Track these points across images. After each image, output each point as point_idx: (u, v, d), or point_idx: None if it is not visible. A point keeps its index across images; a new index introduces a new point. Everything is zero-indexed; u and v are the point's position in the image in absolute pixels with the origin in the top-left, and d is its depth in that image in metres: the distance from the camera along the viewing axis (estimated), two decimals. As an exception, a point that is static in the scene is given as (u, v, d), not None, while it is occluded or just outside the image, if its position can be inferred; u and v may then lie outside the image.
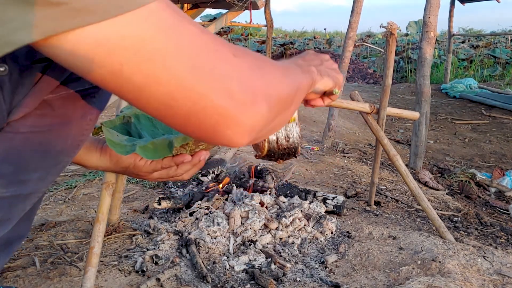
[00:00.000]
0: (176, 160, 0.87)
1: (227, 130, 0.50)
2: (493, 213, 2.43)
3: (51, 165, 0.61)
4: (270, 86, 0.54)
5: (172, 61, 0.44)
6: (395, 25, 1.81)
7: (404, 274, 1.51)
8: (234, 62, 0.49)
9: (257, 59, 0.55)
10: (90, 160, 0.94)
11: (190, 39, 0.46)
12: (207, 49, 0.47)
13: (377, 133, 1.83)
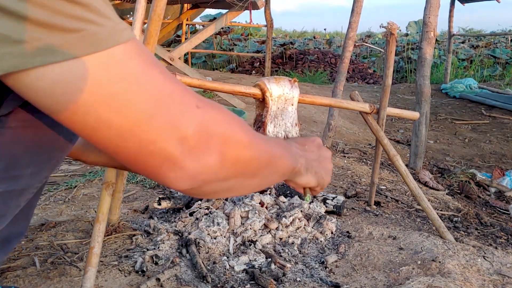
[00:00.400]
0: None
1: (170, 173, 0.50)
2: (493, 213, 2.43)
3: (43, 160, 0.61)
4: (231, 143, 0.54)
5: (128, 108, 0.45)
6: (395, 25, 1.81)
7: (404, 274, 1.51)
8: (196, 113, 0.50)
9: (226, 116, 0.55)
10: (90, 155, 0.94)
11: (153, 89, 0.47)
12: (169, 99, 0.48)
13: (377, 133, 1.83)
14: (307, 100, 1.58)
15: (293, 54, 9.57)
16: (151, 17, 1.26)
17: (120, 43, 0.45)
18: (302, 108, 4.57)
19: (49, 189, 2.19)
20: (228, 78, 6.93)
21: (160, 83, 0.48)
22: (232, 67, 9.60)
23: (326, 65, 9.08)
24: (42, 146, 0.59)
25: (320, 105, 1.68)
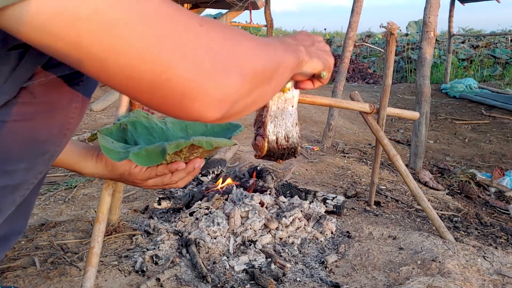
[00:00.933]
0: (171, 167, 0.87)
1: (195, 102, 0.48)
2: (493, 213, 2.43)
3: (37, 154, 0.60)
4: (243, 58, 0.52)
5: (132, 32, 0.43)
6: (395, 25, 1.81)
7: (404, 274, 1.51)
8: (200, 32, 0.47)
9: (228, 30, 0.53)
10: (85, 167, 0.94)
11: (152, 9, 0.44)
12: (171, 19, 0.45)
13: (377, 133, 1.83)
14: (307, 100, 1.58)
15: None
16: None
17: None
18: (302, 108, 4.57)
19: (49, 189, 2.19)
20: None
21: (157, 4, 0.45)
22: (232, 67, 9.58)
23: (326, 65, 9.06)
24: (35, 140, 0.58)
25: (320, 105, 1.68)
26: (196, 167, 0.89)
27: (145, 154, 0.83)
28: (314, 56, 0.78)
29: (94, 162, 0.93)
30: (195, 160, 0.89)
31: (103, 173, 0.95)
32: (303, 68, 0.75)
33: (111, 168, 0.92)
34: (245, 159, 2.73)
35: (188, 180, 0.93)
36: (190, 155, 0.87)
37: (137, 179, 0.91)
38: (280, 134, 1.36)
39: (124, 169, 0.91)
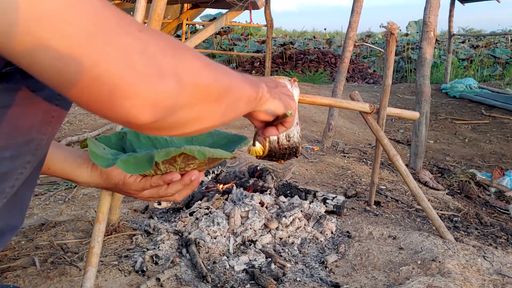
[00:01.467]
0: (165, 178, 0.85)
1: (125, 101, 0.46)
2: (493, 213, 2.43)
3: (22, 142, 0.59)
4: (183, 66, 0.51)
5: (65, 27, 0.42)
6: (395, 25, 1.81)
7: (404, 274, 1.51)
8: (138, 36, 0.47)
9: (173, 41, 0.52)
10: (81, 175, 0.93)
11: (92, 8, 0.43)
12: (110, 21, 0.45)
13: (377, 133, 1.83)
14: (307, 100, 1.58)
15: (293, 54, 9.57)
16: (151, 16, 1.26)
17: None
18: (302, 108, 4.57)
19: (49, 189, 2.19)
20: (228, 78, 6.91)
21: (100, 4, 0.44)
22: (232, 67, 9.60)
23: (326, 65, 9.08)
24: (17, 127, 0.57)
25: (320, 105, 1.68)
26: (193, 179, 0.85)
27: (133, 161, 0.80)
28: (276, 97, 0.77)
29: (90, 171, 0.92)
30: (192, 172, 0.85)
31: (98, 182, 0.94)
32: (264, 106, 0.74)
33: (106, 178, 0.91)
34: (245, 159, 2.73)
35: (185, 193, 0.90)
36: (185, 166, 0.84)
37: (131, 190, 0.90)
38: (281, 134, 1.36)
39: (119, 178, 0.89)
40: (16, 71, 0.55)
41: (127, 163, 0.80)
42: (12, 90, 0.56)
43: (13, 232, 0.69)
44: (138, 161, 0.81)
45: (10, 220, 0.67)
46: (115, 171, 0.89)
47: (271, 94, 0.76)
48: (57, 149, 0.92)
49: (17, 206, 0.67)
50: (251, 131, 3.58)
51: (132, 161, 0.81)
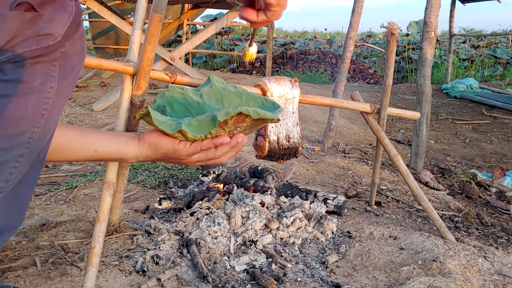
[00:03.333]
0: (216, 141, 0.89)
1: None
2: (494, 213, 2.43)
3: (12, 134, 0.59)
4: None
5: None
6: (396, 25, 1.81)
7: (405, 274, 1.51)
8: None
9: None
10: (129, 151, 0.94)
11: None
12: None
13: (377, 133, 1.83)
14: (307, 100, 1.58)
15: (293, 54, 9.57)
16: (152, 17, 1.26)
17: None
18: (302, 108, 4.57)
19: (50, 189, 2.19)
20: (229, 78, 6.93)
21: None
22: (233, 67, 9.61)
23: (327, 65, 9.08)
24: (9, 118, 0.58)
25: (321, 105, 1.68)
26: (239, 141, 0.91)
27: (196, 123, 0.86)
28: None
29: (137, 145, 0.94)
30: (239, 135, 0.91)
31: (147, 155, 0.95)
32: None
33: (155, 149, 0.93)
34: (245, 159, 2.73)
35: (231, 155, 0.95)
36: (234, 129, 0.90)
37: (182, 155, 0.92)
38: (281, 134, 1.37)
39: (168, 147, 0.92)
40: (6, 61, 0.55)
41: (191, 126, 0.87)
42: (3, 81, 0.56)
43: (12, 232, 0.69)
44: (201, 123, 0.87)
45: (9, 219, 0.67)
46: (164, 140, 0.92)
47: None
48: (99, 132, 0.95)
49: (16, 205, 0.67)
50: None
51: (196, 123, 0.87)
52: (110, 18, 4.19)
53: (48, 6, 0.58)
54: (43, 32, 0.57)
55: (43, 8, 0.57)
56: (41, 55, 0.58)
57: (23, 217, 0.71)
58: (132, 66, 1.31)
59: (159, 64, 4.21)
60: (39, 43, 0.57)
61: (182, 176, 2.48)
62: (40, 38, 0.57)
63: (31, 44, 0.57)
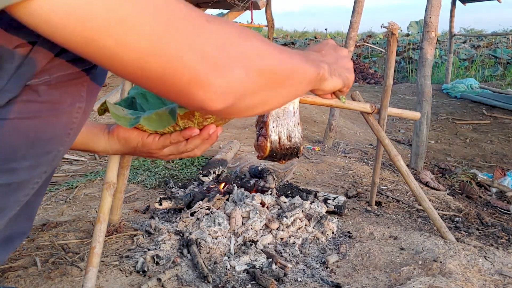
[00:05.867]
0: (184, 134, 0.86)
1: (199, 91, 0.51)
2: (494, 214, 2.43)
3: (41, 153, 0.60)
4: (249, 54, 0.54)
5: (141, 28, 0.45)
6: (396, 25, 1.81)
7: (405, 274, 1.51)
8: (207, 27, 0.50)
9: (237, 28, 0.55)
10: (98, 144, 0.94)
11: (161, 5, 0.47)
12: (179, 15, 0.48)
13: (378, 133, 1.83)
14: (308, 100, 1.57)
15: (294, 54, 9.56)
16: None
17: None
18: (303, 108, 4.57)
19: (50, 189, 2.19)
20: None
21: (170, 2, 0.48)
22: (233, 67, 9.59)
23: (327, 65, 9.06)
24: (39, 138, 0.58)
25: (321, 105, 1.68)
26: (211, 133, 0.88)
27: (156, 117, 0.82)
28: (336, 75, 0.80)
29: (106, 138, 0.93)
30: (210, 126, 0.87)
31: (116, 148, 0.94)
32: (323, 85, 0.77)
33: (124, 142, 0.92)
34: (246, 159, 2.73)
35: (205, 148, 0.92)
36: (203, 121, 0.86)
37: (152, 149, 0.90)
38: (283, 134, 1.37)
39: (137, 140, 0.90)
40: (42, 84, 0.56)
41: (150, 119, 0.82)
42: (37, 103, 0.57)
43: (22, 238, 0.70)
44: (161, 116, 0.82)
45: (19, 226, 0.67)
46: (133, 134, 0.90)
47: (332, 72, 0.78)
48: None
49: (27, 212, 0.68)
50: (252, 131, 3.58)
51: (155, 117, 0.82)
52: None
53: None
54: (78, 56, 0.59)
55: None
56: (74, 78, 0.60)
57: (32, 223, 0.72)
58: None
59: (159, 64, 4.20)
60: (75, 66, 0.58)
61: (183, 176, 2.48)
62: (76, 62, 0.58)
63: (67, 68, 0.58)
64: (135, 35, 0.45)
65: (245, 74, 0.53)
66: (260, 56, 0.56)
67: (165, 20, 0.47)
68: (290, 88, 0.64)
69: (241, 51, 0.53)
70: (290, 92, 0.65)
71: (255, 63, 0.55)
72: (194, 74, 0.49)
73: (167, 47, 0.47)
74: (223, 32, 0.52)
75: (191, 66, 0.49)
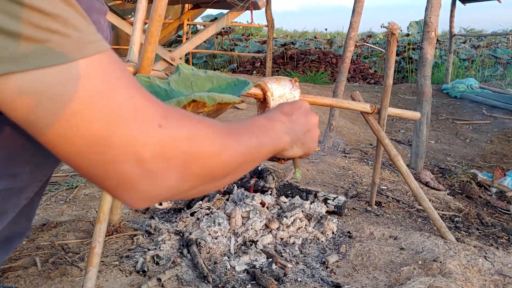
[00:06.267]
0: None
1: (125, 195, 0.50)
2: (494, 214, 2.43)
3: (42, 158, 0.60)
4: (193, 159, 0.53)
5: (88, 128, 0.45)
6: (396, 25, 1.81)
7: (405, 274, 1.51)
8: (156, 133, 0.49)
9: (191, 132, 0.53)
10: None
11: (114, 108, 0.46)
12: (131, 119, 0.47)
13: (378, 133, 1.83)
14: (308, 100, 1.57)
15: (294, 54, 9.57)
16: (152, 17, 1.26)
17: (85, 56, 0.44)
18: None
19: (50, 189, 2.19)
20: (229, 78, 6.91)
21: (123, 102, 0.47)
22: (233, 67, 9.61)
23: (327, 65, 9.07)
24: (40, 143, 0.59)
25: (321, 105, 1.68)
26: None
27: None
28: (298, 145, 0.81)
29: None
30: None
31: None
32: (282, 153, 0.78)
33: None
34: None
35: None
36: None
37: None
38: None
39: None
40: None
41: None
42: None
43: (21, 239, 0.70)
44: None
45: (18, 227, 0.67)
46: None
47: (294, 142, 0.79)
48: None
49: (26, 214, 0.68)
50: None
51: None
52: (110, 19, 4.19)
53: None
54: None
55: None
56: None
57: (31, 223, 0.72)
58: (133, 66, 1.31)
59: (159, 64, 4.21)
60: None
61: (183, 176, 2.48)
62: None
63: None
64: (79, 132, 0.44)
65: (181, 181, 0.52)
66: (205, 161, 0.54)
67: (117, 123, 0.46)
68: (237, 173, 0.63)
69: (184, 157, 0.51)
70: (236, 175, 0.64)
71: (197, 167, 0.53)
72: (124, 180, 0.48)
73: (108, 150, 0.46)
74: (172, 140, 0.50)
75: (125, 172, 0.48)
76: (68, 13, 0.43)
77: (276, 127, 0.73)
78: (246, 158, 0.62)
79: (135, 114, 0.47)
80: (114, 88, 0.46)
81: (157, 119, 0.49)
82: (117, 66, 0.48)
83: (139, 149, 0.47)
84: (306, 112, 0.84)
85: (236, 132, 0.61)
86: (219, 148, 0.56)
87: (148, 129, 0.48)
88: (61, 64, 0.42)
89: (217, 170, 0.57)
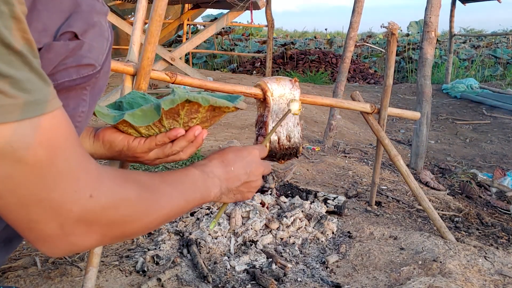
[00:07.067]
0: (170, 134, 0.86)
1: (43, 248, 0.53)
2: (494, 213, 2.43)
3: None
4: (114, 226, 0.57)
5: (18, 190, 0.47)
6: (396, 25, 1.81)
7: (405, 274, 1.51)
8: (85, 203, 0.52)
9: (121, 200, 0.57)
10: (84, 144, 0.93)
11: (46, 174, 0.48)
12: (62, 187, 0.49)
13: (378, 133, 1.83)
14: (308, 100, 1.58)
15: (294, 54, 9.57)
16: (152, 17, 1.26)
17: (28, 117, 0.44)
18: (303, 108, 4.57)
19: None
20: (229, 78, 6.93)
21: (61, 168, 0.49)
22: (233, 67, 9.61)
23: (327, 65, 9.08)
24: None
25: (321, 105, 1.68)
26: (196, 134, 0.87)
27: (141, 113, 0.82)
28: (230, 196, 0.84)
29: (92, 142, 0.92)
30: (195, 127, 0.87)
31: (101, 152, 0.93)
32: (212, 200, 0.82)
33: (109, 146, 0.90)
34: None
35: (191, 151, 0.91)
36: (189, 121, 0.85)
37: (137, 153, 0.89)
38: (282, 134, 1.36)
39: (122, 144, 0.89)
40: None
41: (135, 115, 0.82)
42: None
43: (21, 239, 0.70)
44: (145, 112, 0.82)
45: None
46: (119, 137, 0.89)
47: (225, 194, 0.82)
48: None
49: None
50: (252, 131, 3.58)
51: (139, 113, 0.82)
52: (111, 19, 4.19)
53: (89, 33, 0.59)
54: (84, 62, 0.59)
55: (85, 35, 0.59)
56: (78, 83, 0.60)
57: None
58: (133, 66, 1.31)
59: (159, 64, 4.21)
60: (79, 72, 0.59)
61: (182, 176, 2.48)
62: (81, 68, 0.59)
63: (72, 73, 0.59)
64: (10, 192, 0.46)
65: (100, 241, 0.56)
66: (126, 225, 0.58)
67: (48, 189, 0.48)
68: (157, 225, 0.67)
69: (106, 223, 0.55)
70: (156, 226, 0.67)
71: (116, 232, 0.58)
72: (44, 237, 0.51)
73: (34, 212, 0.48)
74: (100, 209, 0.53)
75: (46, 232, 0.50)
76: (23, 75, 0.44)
77: (208, 182, 0.77)
78: (169, 217, 0.68)
79: (70, 182, 0.50)
80: (54, 154, 0.48)
81: (89, 189, 0.52)
82: (62, 130, 0.49)
83: (65, 214, 0.50)
84: (251, 163, 0.86)
85: (164, 195, 0.65)
86: (143, 215, 0.61)
87: (79, 198, 0.51)
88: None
89: (137, 231, 0.62)
